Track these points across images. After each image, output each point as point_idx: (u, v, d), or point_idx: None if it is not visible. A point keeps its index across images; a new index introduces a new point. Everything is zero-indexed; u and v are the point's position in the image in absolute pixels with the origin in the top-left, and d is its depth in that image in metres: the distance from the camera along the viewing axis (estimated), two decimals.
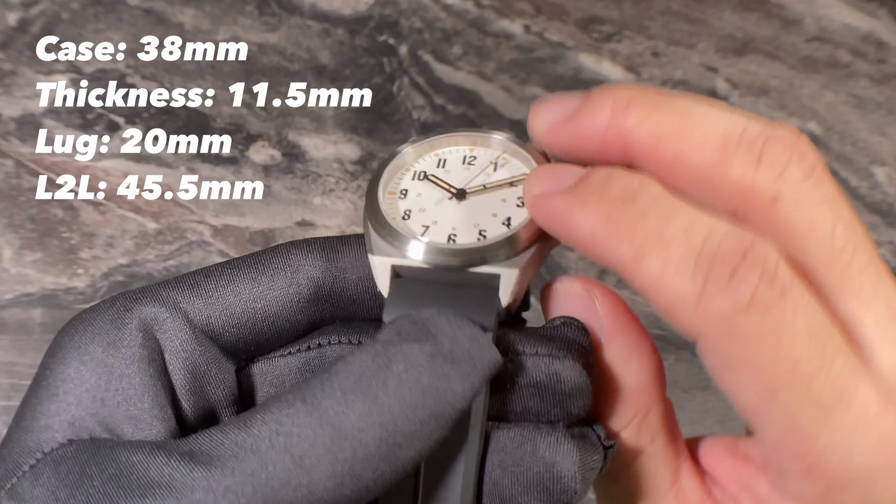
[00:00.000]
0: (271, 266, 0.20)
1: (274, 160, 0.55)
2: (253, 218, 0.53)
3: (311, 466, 0.15)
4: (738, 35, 0.63)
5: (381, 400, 0.16)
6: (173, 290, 0.20)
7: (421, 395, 0.16)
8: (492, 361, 0.17)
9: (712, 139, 0.18)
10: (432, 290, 0.20)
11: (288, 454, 0.15)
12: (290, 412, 0.16)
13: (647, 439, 0.20)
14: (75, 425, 0.17)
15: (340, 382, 0.16)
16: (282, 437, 0.15)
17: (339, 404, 0.16)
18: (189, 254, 0.51)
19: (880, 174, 0.59)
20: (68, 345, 0.19)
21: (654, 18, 0.63)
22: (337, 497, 0.15)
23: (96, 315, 0.19)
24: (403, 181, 0.23)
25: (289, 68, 0.57)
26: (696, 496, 0.21)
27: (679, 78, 0.61)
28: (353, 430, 0.15)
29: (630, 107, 0.19)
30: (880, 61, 0.63)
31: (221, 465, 0.15)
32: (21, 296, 0.49)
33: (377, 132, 0.56)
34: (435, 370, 0.16)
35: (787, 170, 0.18)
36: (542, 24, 0.61)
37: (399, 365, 0.16)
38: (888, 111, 0.61)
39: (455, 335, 0.17)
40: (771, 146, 0.18)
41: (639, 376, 0.20)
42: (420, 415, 0.16)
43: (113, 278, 0.50)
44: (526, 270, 0.20)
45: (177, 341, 0.19)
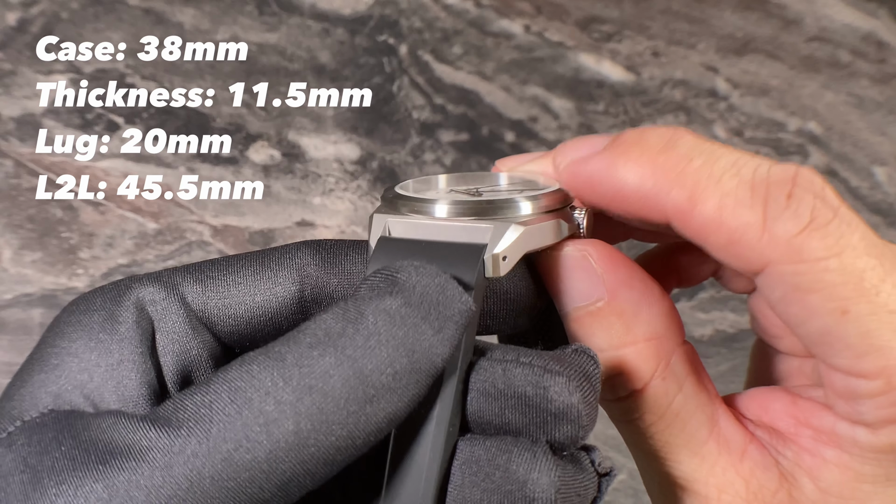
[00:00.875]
0: (276, 262, 0.20)
1: (274, 160, 0.55)
2: (253, 218, 0.53)
3: (272, 421, 0.14)
4: (739, 35, 0.63)
5: (349, 352, 0.15)
6: (175, 274, 0.19)
7: (391, 347, 0.15)
8: (463, 310, 0.16)
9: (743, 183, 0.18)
10: (418, 248, 0.18)
11: (247, 411, 0.14)
12: (250, 368, 0.15)
13: (674, 388, 0.20)
14: (60, 397, 0.17)
15: (306, 337, 0.15)
16: (240, 394, 0.15)
17: (304, 357, 0.15)
18: (189, 254, 0.51)
19: (880, 174, 0.59)
20: (66, 320, 0.19)
21: (654, 18, 0.62)
22: (304, 456, 0.14)
23: (97, 294, 0.19)
24: (430, 191, 0.22)
25: (289, 68, 0.57)
26: (738, 440, 0.20)
27: (679, 78, 0.61)
28: (317, 383, 0.15)
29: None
30: (880, 61, 0.63)
31: (179, 427, 0.14)
32: (21, 296, 0.49)
33: (377, 132, 0.56)
34: (405, 321, 0.15)
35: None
36: (542, 23, 0.61)
37: (368, 318, 0.15)
38: (888, 111, 0.61)
39: (424, 285, 0.16)
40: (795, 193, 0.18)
41: (651, 325, 0.19)
42: (391, 367, 0.15)
43: (113, 278, 0.50)
44: (527, 236, 0.18)
45: (170, 323, 0.19)
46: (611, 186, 0.19)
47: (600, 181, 0.19)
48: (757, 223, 0.17)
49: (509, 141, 0.59)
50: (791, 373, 0.23)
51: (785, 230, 0.17)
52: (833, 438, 0.19)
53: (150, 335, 0.19)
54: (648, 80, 0.60)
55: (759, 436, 0.20)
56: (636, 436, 0.20)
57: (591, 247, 0.20)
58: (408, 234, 0.19)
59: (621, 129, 0.58)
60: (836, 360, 0.17)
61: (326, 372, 0.15)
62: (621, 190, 0.18)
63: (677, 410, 0.20)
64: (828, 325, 0.17)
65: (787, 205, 0.17)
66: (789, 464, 0.19)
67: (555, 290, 0.20)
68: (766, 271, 0.17)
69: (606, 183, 0.19)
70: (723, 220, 0.17)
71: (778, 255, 0.17)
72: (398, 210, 0.20)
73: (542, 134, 0.59)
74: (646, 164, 0.18)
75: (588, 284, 0.19)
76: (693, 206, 0.17)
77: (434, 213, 0.19)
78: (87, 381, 0.18)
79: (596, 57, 0.61)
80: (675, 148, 0.18)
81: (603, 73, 0.60)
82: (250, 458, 0.14)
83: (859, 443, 0.18)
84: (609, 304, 0.19)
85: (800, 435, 0.19)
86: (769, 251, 0.17)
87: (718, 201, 0.17)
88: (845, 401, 0.18)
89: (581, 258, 0.19)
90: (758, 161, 0.18)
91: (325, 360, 0.15)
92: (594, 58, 0.61)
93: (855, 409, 0.18)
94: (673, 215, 0.18)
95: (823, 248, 0.16)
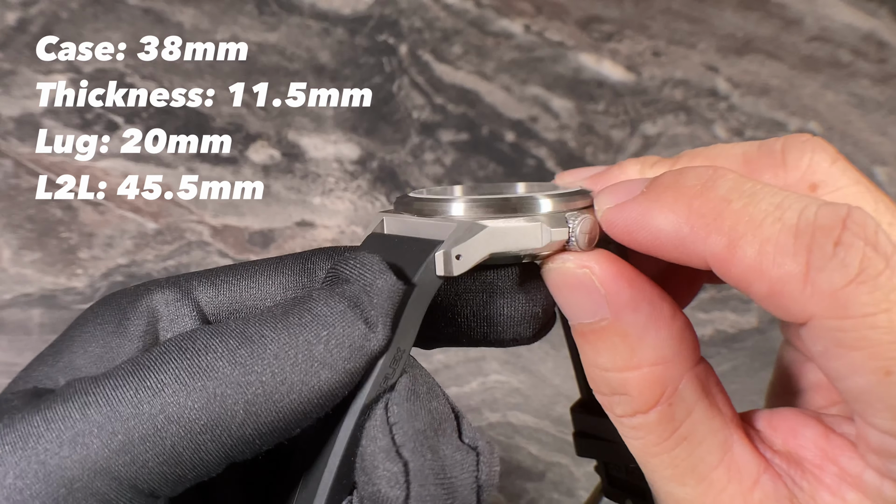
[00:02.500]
0: (290, 268, 0.20)
1: (273, 160, 0.54)
2: (252, 218, 0.53)
3: (215, 378, 0.15)
4: (739, 35, 0.63)
5: (286, 325, 0.16)
6: (191, 278, 0.20)
7: (323, 325, 0.16)
8: (389, 294, 0.16)
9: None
10: (393, 241, 0.19)
11: (189, 366, 0.15)
12: (194, 334, 0.16)
13: (682, 413, 0.18)
14: (49, 378, 0.18)
15: (253, 314, 0.17)
16: (181, 353, 0.15)
17: (245, 324, 0.16)
18: (188, 254, 0.51)
19: (881, 174, 0.59)
20: (85, 315, 0.19)
21: (654, 18, 0.62)
22: (248, 415, 0.15)
23: (121, 294, 0.20)
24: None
25: (288, 68, 0.57)
26: (752, 468, 0.18)
27: (680, 77, 0.61)
28: (255, 349, 0.16)
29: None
30: (881, 61, 0.63)
31: (113, 378, 0.15)
32: (20, 296, 0.49)
33: (377, 132, 0.56)
34: (337, 304, 0.16)
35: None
36: (542, 23, 0.61)
37: (309, 299, 0.17)
38: (889, 111, 0.61)
39: (358, 274, 0.17)
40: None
41: (657, 350, 0.18)
42: (326, 341, 0.16)
43: (112, 278, 0.50)
44: (490, 237, 0.17)
45: (180, 324, 0.19)
46: (647, 234, 0.18)
47: (637, 229, 0.18)
48: (799, 274, 0.15)
49: (509, 141, 0.59)
50: (819, 385, 0.22)
51: (830, 282, 0.15)
52: (858, 483, 0.18)
53: (154, 333, 0.19)
54: (649, 80, 0.60)
55: (777, 464, 0.19)
56: (641, 454, 0.19)
57: (596, 263, 0.18)
58: (393, 230, 0.19)
59: (622, 128, 0.58)
60: (875, 420, 0.16)
61: (266, 339, 0.16)
62: (658, 238, 0.17)
63: (685, 435, 0.19)
64: (870, 385, 0.16)
65: (834, 253, 0.15)
66: (805, 497, 0.18)
67: (559, 303, 0.19)
68: (809, 325, 0.16)
69: (643, 231, 0.18)
70: (763, 269, 0.16)
71: (821, 309, 0.15)
72: (398, 209, 0.20)
73: (542, 134, 0.59)
74: (681, 211, 0.17)
75: (591, 303, 0.18)
76: (732, 254, 0.16)
77: (420, 211, 0.19)
78: (80, 366, 0.18)
79: (596, 57, 0.61)
80: (713, 190, 0.17)
81: (603, 73, 0.60)
82: (189, 406, 0.15)
83: (885, 496, 0.17)
84: (613, 325, 0.18)
85: (824, 470, 0.18)
86: (812, 305, 0.16)
87: (759, 248, 0.16)
88: (878, 456, 0.17)
89: (583, 276, 0.18)
90: (805, 202, 0.16)
91: (264, 329, 0.16)
92: (594, 57, 0.61)
93: (886, 465, 0.17)
94: (712, 263, 0.17)
95: (871, 302, 0.15)
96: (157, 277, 0.21)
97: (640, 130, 0.58)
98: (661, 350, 0.18)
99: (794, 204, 0.16)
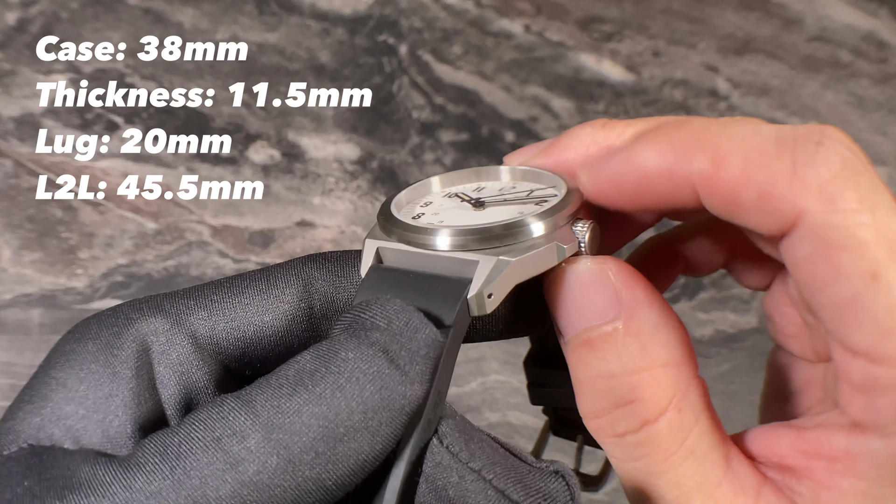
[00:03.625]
0: (282, 279, 0.19)
1: (273, 160, 0.54)
2: (252, 218, 0.53)
3: (239, 461, 0.14)
4: (739, 35, 0.63)
5: (318, 391, 0.15)
6: (178, 300, 0.19)
7: (361, 385, 0.15)
8: (431, 345, 0.16)
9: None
10: (405, 278, 0.18)
11: (214, 450, 0.14)
12: (221, 409, 0.15)
13: (690, 421, 0.18)
14: (42, 431, 0.17)
15: (278, 379, 0.15)
16: (207, 434, 0.14)
17: (273, 397, 0.15)
18: (188, 254, 0.51)
19: (881, 174, 0.59)
20: (61, 349, 0.18)
21: (654, 18, 0.62)
22: (269, 496, 0.14)
23: (98, 324, 0.18)
24: (426, 198, 0.22)
25: (288, 68, 0.57)
26: (752, 481, 0.18)
27: (679, 77, 0.61)
28: (284, 421, 0.14)
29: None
30: (881, 61, 0.63)
31: (143, 465, 0.14)
32: (20, 296, 0.49)
33: (377, 132, 0.56)
34: (373, 359, 0.15)
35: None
36: (542, 23, 0.61)
37: (339, 356, 0.15)
38: (889, 111, 0.61)
39: (392, 322, 0.16)
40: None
41: (669, 350, 0.18)
42: (362, 406, 0.15)
43: (112, 278, 0.50)
44: (516, 270, 0.17)
45: (174, 355, 0.18)
46: (635, 177, 0.18)
47: (624, 174, 0.18)
48: (787, 171, 0.16)
49: (509, 141, 0.59)
50: (807, 383, 0.22)
51: (817, 175, 0.16)
52: (848, 465, 0.17)
53: (148, 369, 0.18)
54: (649, 80, 0.60)
55: (772, 476, 0.19)
56: (643, 477, 0.19)
57: (611, 262, 0.19)
58: (398, 264, 0.19)
59: None
60: (858, 337, 0.16)
61: (296, 411, 0.14)
62: (646, 176, 0.18)
63: (692, 448, 0.18)
64: (856, 290, 0.16)
65: (817, 151, 0.16)
66: (807, 502, 0.18)
67: (561, 311, 0.19)
68: (798, 225, 0.16)
69: (631, 174, 0.18)
70: (750, 175, 0.16)
71: (811, 203, 0.16)
72: (391, 235, 0.19)
73: (542, 134, 0.59)
74: (663, 143, 0.17)
75: (604, 302, 0.18)
76: (718, 169, 0.17)
77: (426, 243, 0.18)
78: (71, 414, 0.17)
79: (596, 57, 0.61)
80: (689, 121, 0.17)
81: (603, 73, 0.60)
82: (214, 496, 0.14)
83: (874, 457, 0.17)
84: (626, 324, 0.18)
85: (812, 469, 0.18)
86: (801, 199, 0.16)
87: (743, 157, 0.16)
88: (862, 395, 0.17)
89: (600, 272, 0.18)
90: (779, 126, 0.17)
91: (293, 400, 0.15)
92: (594, 57, 0.61)
93: (871, 404, 0.17)
94: (699, 184, 0.17)
95: (856, 198, 0.15)
96: (136, 297, 0.20)
97: None
98: (673, 350, 0.18)
99: (770, 126, 0.17)
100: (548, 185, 0.21)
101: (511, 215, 0.19)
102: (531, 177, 0.21)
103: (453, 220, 0.20)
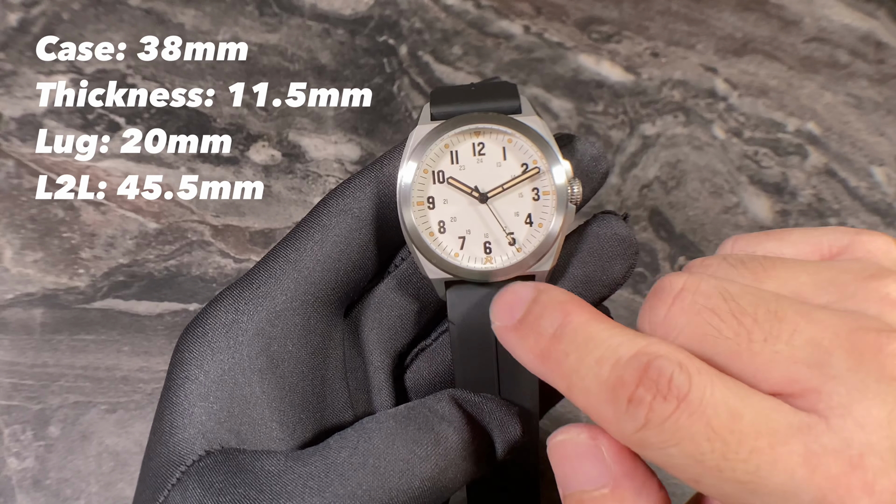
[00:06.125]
0: (334, 218, 0.25)
1: (274, 160, 0.55)
2: (253, 218, 0.53)
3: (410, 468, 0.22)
4: (738, 35, 0.63)
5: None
6: (265, 280, 0.24)
7: (419, 481, 0.23)
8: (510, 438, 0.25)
9: None
10: (481, 294, 0.26)
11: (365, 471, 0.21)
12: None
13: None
14: (208, 436, 0.20)
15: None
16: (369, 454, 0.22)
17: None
18: (190, 254, 0.51)
19: (879, 174, 0.59)
20: (188, 359, 0.22)
21: (653, 19, 0.63)
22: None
23: (211, 323, 0.23)
24: (427, 188, 0.25)
25: (289, 68, 0.58)
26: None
27: (678, 78, 0.61)
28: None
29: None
30: (879, 62, 0.63)
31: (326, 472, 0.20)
32: (22, 295, 0.49)
33: (377, 132, 0.56)
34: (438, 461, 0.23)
35: None
36: (542, 24, 0.61)
37: (409, 437, 0.23)
38: (887, 111, 0.62)
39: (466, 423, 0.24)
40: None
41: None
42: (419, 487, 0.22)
43: (114, 278, 0.50)
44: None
45: (290, 326, 0.23)
46: (520, 361, 0.22)
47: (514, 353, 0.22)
48: (609, 421, 0.20)
49: None
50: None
51: (626, 430, 0.19)
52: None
53: (272, 359, 0.23)
54: (648, 81, 0.61)
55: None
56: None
57: (603, 437, 0.21)
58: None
59: (621, 129, 0.58)
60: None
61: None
62: (527, 367, 0.22)
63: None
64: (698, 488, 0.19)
65: (627, 410, 0.19)
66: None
67: (565, 471, 0.22)
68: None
69: (517, 357, 0.22)
70: (590, 412, 0.20)
71: (631, 445, 0.20)
72: (447, 271, 0.26)
73: None
74: (537, 354, 0.21)
75: (596, 472, 0.21)
76: (572, 395, 0.21)
77: (481, 280, 0.26)
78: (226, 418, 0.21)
79: (595, 57, 0.61)
80: (560, 339, 0.21)
81: (602, 74, 0.60)
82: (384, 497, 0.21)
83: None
84: (612, 492, 0.21)
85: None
86: (624, 441, 0.20)
87: (585, 399, 0.20)
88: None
89: (594, 446, 0.21)
90: (620, 354, 0.20)
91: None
92: (594, 58, 0.61)
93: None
94: (564, 394, 0.21)
95: (660, 441, 0.19)
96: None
97: (639, 131, 0.59)
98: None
99: (609, 358, 0.20)
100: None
101: (515, 207, 0.27)
102: (527, 136, 0.28)
103: (476, 230, 0.27)
